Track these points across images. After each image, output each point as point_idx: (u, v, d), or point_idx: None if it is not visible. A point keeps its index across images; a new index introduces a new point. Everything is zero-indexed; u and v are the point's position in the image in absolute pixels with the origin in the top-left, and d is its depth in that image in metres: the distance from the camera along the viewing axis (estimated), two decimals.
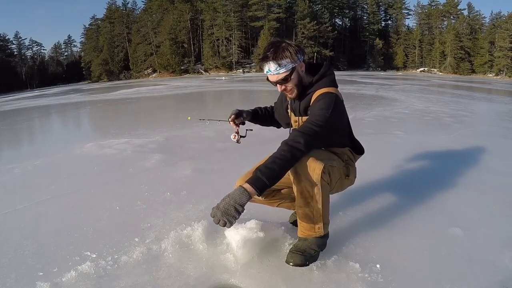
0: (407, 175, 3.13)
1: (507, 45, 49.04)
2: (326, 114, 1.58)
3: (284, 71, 1.65)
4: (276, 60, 1.62)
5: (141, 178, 3.18)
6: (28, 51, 70.49)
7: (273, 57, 1.62)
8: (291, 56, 1.63)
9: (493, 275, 1.64)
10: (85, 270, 1.70)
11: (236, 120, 1.96)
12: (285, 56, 1.62)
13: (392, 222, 2.16)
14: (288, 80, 1.67)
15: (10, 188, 3.16)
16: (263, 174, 1.44)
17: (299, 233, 1.72)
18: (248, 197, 1.41)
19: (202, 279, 1.63)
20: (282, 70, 1.64)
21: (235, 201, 1.40)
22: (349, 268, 1.67)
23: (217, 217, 1.40)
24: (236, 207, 1.39)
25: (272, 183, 1.45)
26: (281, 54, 1.62)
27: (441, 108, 8.05)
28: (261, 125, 2.16)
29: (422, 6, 65.23)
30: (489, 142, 4.46)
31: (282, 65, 1.63)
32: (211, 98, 13.83)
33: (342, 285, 1.56)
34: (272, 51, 1.63)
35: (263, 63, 1.66)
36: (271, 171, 1.45)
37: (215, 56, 55.32)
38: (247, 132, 1.99)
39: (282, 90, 1.73)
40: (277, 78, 1.67)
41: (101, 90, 23.76)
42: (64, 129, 7.85)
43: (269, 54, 1.63)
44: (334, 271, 1.66)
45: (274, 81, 1.70)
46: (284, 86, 1.70)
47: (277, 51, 1.62)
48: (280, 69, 1.64)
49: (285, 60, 1.63)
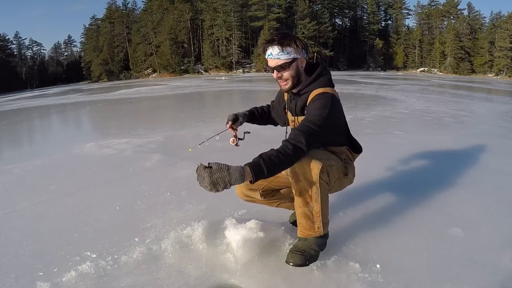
0: (407, 175, 3.13)
1: (507, 45, 49.02)
2: (323, 113, 1.58)
3: (286, 58, 1.65)
4: (281, 46, 1.63)
5: (141, 178, 3.18)
6: (28, 51, 70.53)
7: (278, 41, 1.63)
8: (296, 47, 1.65)
9: (493, 275, 1.64)
10: (85, 270, 1.70)
11: (234, 125, 1.98)
12: (290, 44, 1.64)
13: (392, 222, 2.16)
14: (286, 68, 1.68)
15: (10, 188, 3.16)
16: (265, 163, 1.41)
17: (299, 233, 1.72)
18: (242, 182, 1.38)
19: (202, 279, 1.63)
20: (284, 56, 1.65)
21: (229, 180, 1.36)
22: (349, 268, 1.67)
23: (203, 181, 1.37)
24: (226, 185, 1.36)
25: (269, 175, 1.44)
26: (287, 42, 1.64)
27: (441, 108, 8.04)
28: (258, 125, 2.17)
29: (422, 6, 65.25)
30: (489, 142, 4.46)
31: (285, 51, 1.64)
32: (211, 98, 13.83)
33: (342, 285, 1.56)
34: (280, 36, 1.65)
35: (267, 45, 1.67)
36: (273, 164, 1.42)
37: (215, 56, 55.31)
38: (245, 135, 2.01)
39: (277, 77, 1.72)
40: (276, 64, 1.67)
41: (101, 90, 23.75)
42: (64, 129, 7.85)
43: (275, 37, 1.65)
44: (334, 271, 1.66)
45: (272, 66, 1.69)
46: (281, 73, 1.70)
47: (285, 37, 1.64)
48: (282, 54, 1.65)
49: (289, 48, 1.64)
